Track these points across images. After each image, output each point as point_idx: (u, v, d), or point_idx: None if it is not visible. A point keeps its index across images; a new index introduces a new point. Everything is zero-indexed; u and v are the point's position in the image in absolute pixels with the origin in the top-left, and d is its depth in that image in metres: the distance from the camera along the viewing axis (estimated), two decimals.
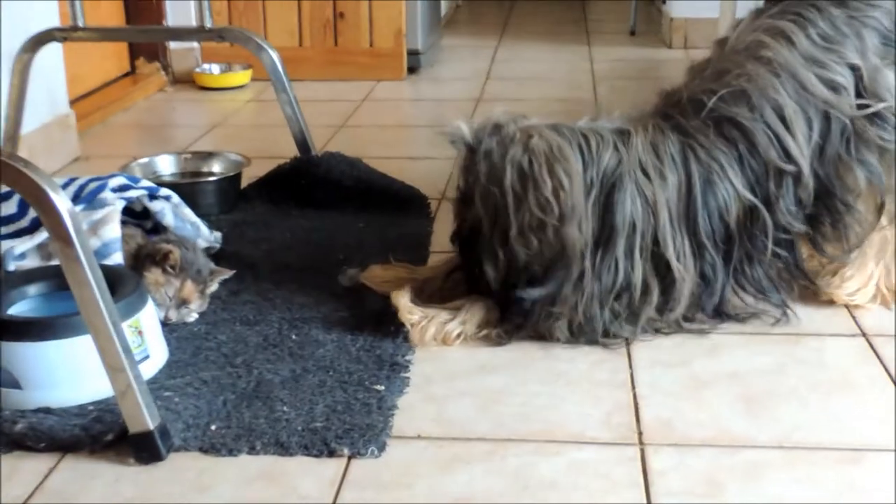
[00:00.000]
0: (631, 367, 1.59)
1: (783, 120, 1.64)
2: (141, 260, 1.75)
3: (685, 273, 1.62)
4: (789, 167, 1.63)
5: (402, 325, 1.65)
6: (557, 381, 1.55)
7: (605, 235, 1.60)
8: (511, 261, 1.59)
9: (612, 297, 1.62)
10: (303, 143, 2.43)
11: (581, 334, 1.62)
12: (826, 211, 1.69)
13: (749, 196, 1.64)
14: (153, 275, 1.72)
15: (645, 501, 1.25)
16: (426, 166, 2.67)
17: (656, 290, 1.63)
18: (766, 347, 1.64)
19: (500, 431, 1.41)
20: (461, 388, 1.53)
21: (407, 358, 1.60)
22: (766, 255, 1.66)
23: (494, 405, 1.48)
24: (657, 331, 1.66)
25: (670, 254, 1.61)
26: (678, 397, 1.50)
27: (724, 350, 1.63)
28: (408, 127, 3.21)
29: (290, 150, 2.43)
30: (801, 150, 1.63)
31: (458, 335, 1.64)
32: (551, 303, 1.60)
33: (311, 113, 2.72)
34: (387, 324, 1.67)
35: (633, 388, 1.53)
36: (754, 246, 1.66)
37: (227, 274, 1.84)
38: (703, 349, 1.63)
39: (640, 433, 1.40)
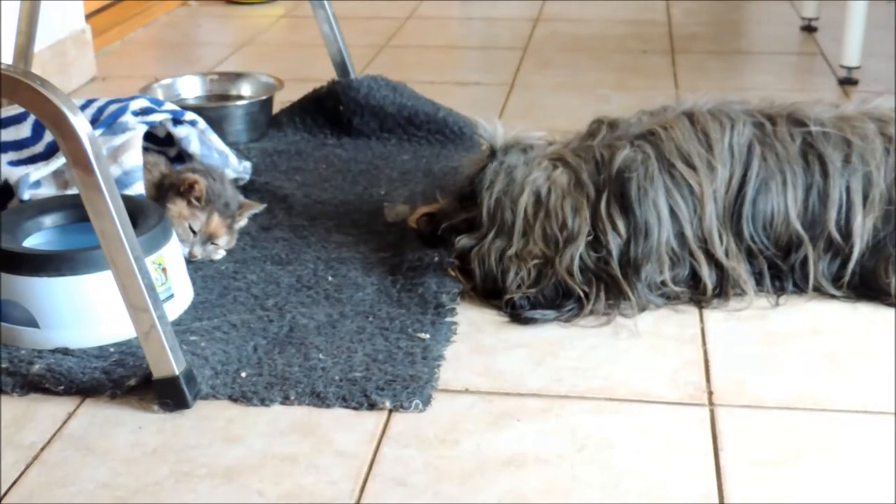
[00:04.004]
0: (702, 320, 1.60)
1: (865, 196, 1.63)
2: (164, 190, 1.78)
3: (738, 268, 1.63)
4: (840, 241, 1.63)
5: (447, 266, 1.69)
6: (619, 335, 1.56)
7: (633, 228, 1.61)
8: (501, 274, 1.64)
9: (663, 285, 1.63)
10: (341, 65, 2.43)
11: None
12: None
13: (798, 228, 1.63)
14: (177, 207, 1.75)
15: (713, 467, 1.26)
16: (476, 92, 2.68)
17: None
18: (852, 302, 1.64)
19: (556, 387, 1.43)
20: (513, 338, 1.56)
21: (452, 297, 1.63)
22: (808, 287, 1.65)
23: (549, 358, 1.50)
24: None
25: (716, 249, 1.62)
26: (753, 355, 1.51)
27: (805, 304, 1.64)
28: (457, 49, 3.20)
29: (327, 73, 2.44)
30: (865, 232, 1.62)
31: None
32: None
33: (351, 31, 2.73)
34: (431, 265, 1.69)
35: (704, 343, 1.54)
36: (791, 278, 1.66)
37: (258, 208, 1.87)
38: (781, 302, 1.64)
39: (711, 393, 1.42)
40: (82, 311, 1.49)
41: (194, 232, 1.74)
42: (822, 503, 1.20)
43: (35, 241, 1.61)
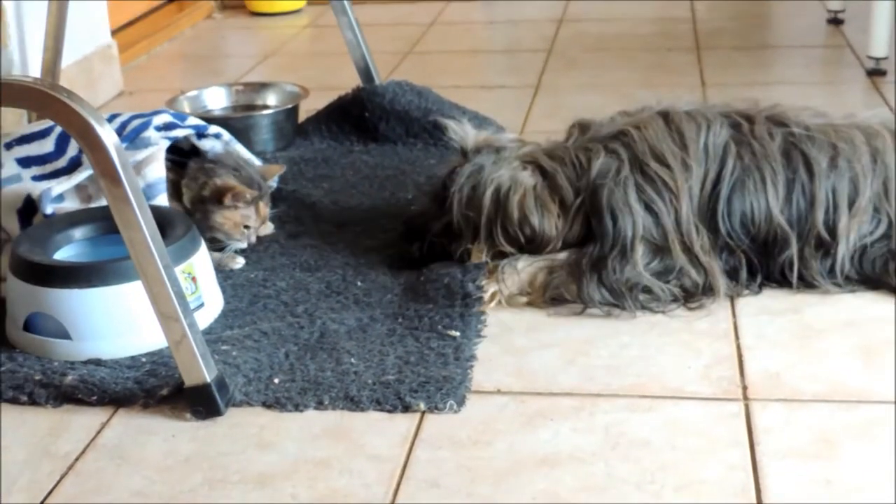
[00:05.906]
0: (734, 315, 1.59)
1: (851, 203, 1.62)
2: (206, 202, 1.80)
3: (712, 263, 1.62)
4: (827, 239, 1.62)
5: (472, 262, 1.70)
6: (651, 331, 1.55)
7: (604, 231, 1.62)
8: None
9: (656, 280, 1.62)
10: (365, 72, 2.44)
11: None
12: None
13: (782, 223, 1.62)
14: (231, 217, 1.77)
15: (750, 462, 1.25)
16: (501, 96, 2.67)
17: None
18: (886, 293, 1.62)
19: (588, 386, 1.43)
20: (544, 338, 1.55)
21: (478, 286, 1.62)
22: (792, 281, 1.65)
23: (581, 357, 1.50)
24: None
25: (692, 242, 1.62)
26: (787, 348, 1.50)
27: (838, 297, 1.62)
28: (481, 52, 3.20)
29: (352, 80, 2.45)
30: (851, 233, 1.62)
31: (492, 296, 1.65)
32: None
33: (375, 38, 2.73)
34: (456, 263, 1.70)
35: (737, 338, 1.53)
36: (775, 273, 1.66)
37: (281, 169, 1.96)
38: (814, 296, 1.62)
39: (745, 388, 1.41)
40: (114, 322, 1.50)
41: (253, 228, 1.80)
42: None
43: (65, 253, 1.62)
